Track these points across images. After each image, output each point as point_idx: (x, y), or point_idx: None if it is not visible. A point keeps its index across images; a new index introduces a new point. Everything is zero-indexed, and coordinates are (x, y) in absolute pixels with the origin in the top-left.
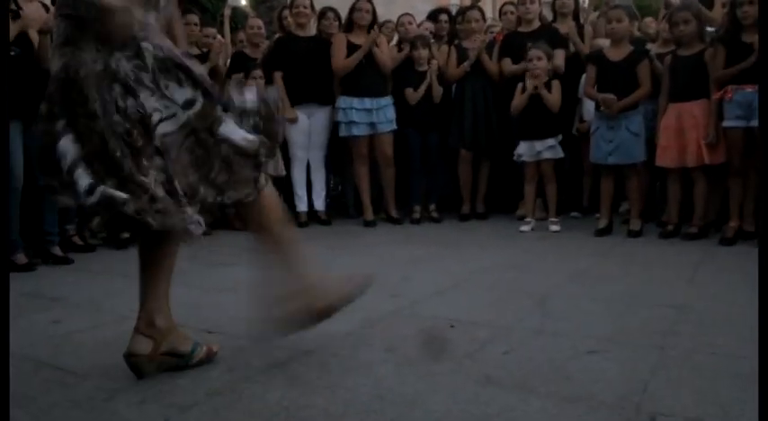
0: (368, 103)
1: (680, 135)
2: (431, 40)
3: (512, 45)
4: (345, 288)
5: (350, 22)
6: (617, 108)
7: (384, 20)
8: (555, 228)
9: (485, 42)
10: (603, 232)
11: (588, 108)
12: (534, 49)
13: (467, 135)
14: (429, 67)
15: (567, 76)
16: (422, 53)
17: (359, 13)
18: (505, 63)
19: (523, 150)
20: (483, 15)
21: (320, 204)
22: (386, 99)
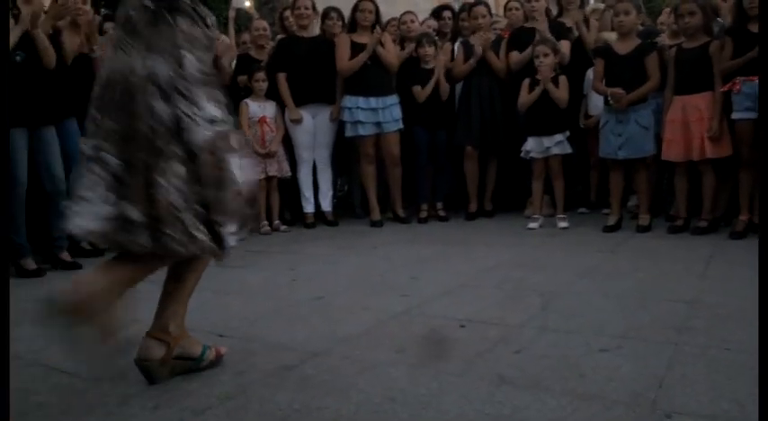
0: (373, 102)
1: (685, 128)
2: (435, 37)
3: (519, 41)
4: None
5: (353, 22)
6: (626, 102)
7: (388, 18)
8: (563, 224)
9: (490, 40)
10: (613, 228)
11: (595, 102)
12: (541, 45)
13: (474, 132)
14: (436, 64)
15: (572, 70)
16: (428, 50)
17: (362, 14)
18: (512, 55)
19: (531, 146)
20: (489, 11)
21: (327, 205)
22: (392, 98)
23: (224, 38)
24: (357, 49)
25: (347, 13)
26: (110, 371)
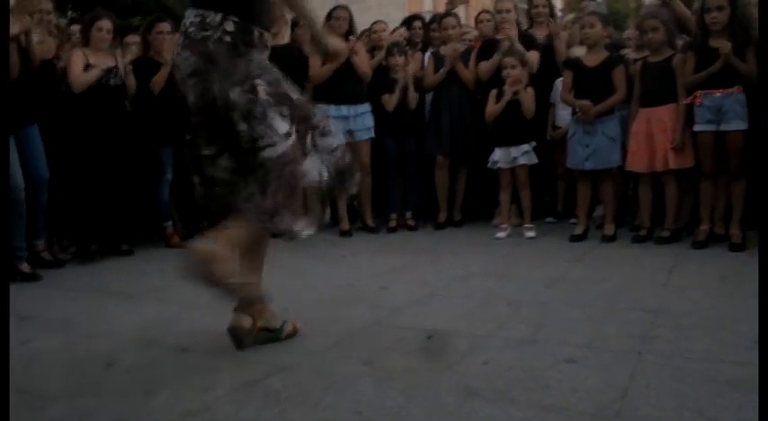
0: (344, 110)
1: (649, 140)
2: (405, 46)
3: (489, 52)
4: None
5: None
6: (593, 113)
7: (363, 29)
8: (530, 234)
9: (459, 51)
10: (579, 238)
11: (562, 114)
12: (508, 57)
13: (444, 142)
14: (404, 73)
15: (539, 82)
16: (398, 60)
17: (336, 21)
18: (481, 66)
19: (499, 157)
20: (459, 22)
21: None
22: (363, 106)
23: None
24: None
25: (319, 21)
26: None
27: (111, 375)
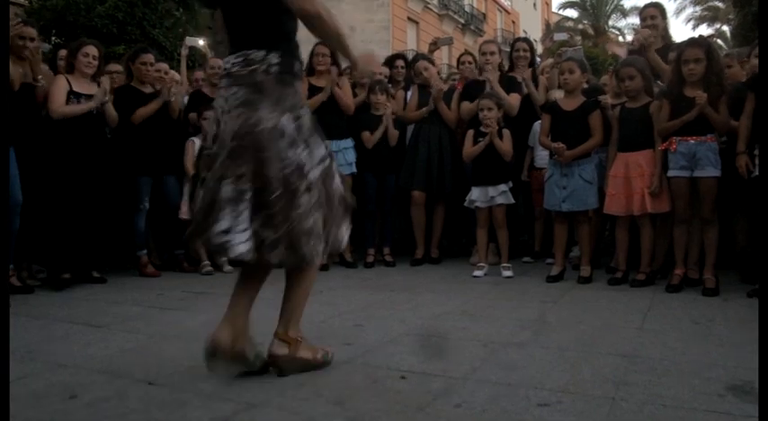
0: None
1: (627, 184)
2: (388, 84)
3: (472, 93)
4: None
5: (310, 67)
6: (569, 156)
7: (346, 65)
8: (507, 273)
9: (442, 91)
10: (556, 278)
11: (542, 155)
12: (485, 99)
13: (419, 177)
14: (385, 111)
15: (518, 123)
16: (379, 97)
17: (317, 58)
18: (464, 106)
19: (476, 196)
20: (432, 62)
21: None
22: (346, 141)
23: (172, 74)
24: (314, 91)
25: (305, 54)
26: None
27: (72, 408)
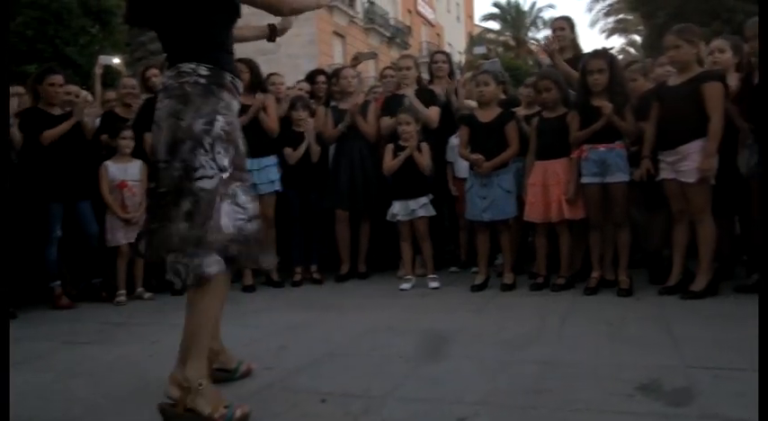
0: (248, 163)
1: (545, 191)
2: (309, 100)
3: (391, 107)
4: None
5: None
6: (488, 167)
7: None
8: (434, 284)
9: (358, 105)
10: (480, 287)
11: (462, 166)
12: (403, 113)
13: (343, 196)
14: (307, 127)
15: (439, 135)
16: (301, 114)
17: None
18: (383, 121)
19: (398, 210)
20: (356, 75)
21: None
22: (268, 159)
23: (85, 94)
24: (241, 110)
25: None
26: None
27: None
